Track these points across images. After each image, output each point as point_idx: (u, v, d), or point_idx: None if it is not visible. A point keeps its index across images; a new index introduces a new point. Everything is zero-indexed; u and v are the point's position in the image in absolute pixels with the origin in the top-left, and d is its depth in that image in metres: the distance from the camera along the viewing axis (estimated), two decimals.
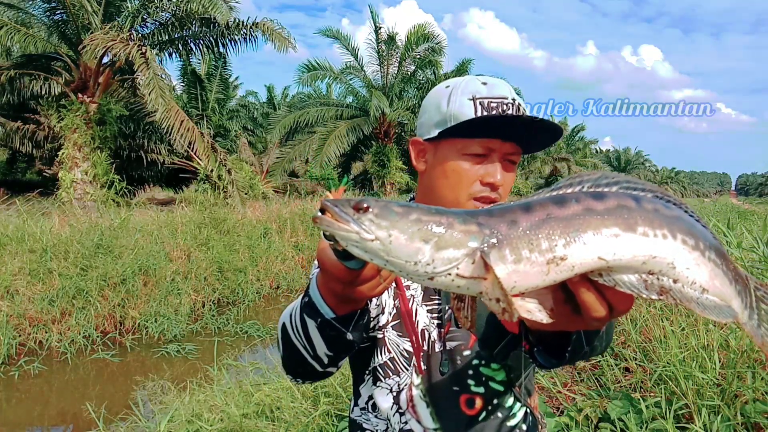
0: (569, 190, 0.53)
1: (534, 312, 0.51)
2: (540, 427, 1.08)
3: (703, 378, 2.30)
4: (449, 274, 0.50)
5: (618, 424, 2.35)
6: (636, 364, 2.76)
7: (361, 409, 1.08)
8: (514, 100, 0.98)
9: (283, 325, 0.91)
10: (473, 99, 0.97)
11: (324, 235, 0.60)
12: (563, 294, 0.56)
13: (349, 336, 0.83)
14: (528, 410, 1.05)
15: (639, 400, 2.39)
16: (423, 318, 1.02)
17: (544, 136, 1.00)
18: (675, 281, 0.49)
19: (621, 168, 56.17)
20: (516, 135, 0.97)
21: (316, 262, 0.94)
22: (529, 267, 0.49)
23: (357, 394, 1.08)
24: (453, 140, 0.99)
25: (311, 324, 0.83)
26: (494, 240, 0.50)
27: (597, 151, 52.10)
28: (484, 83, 1.00)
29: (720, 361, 2.41)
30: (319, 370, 0.91)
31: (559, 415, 2.59)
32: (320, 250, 0.71)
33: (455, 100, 0.98)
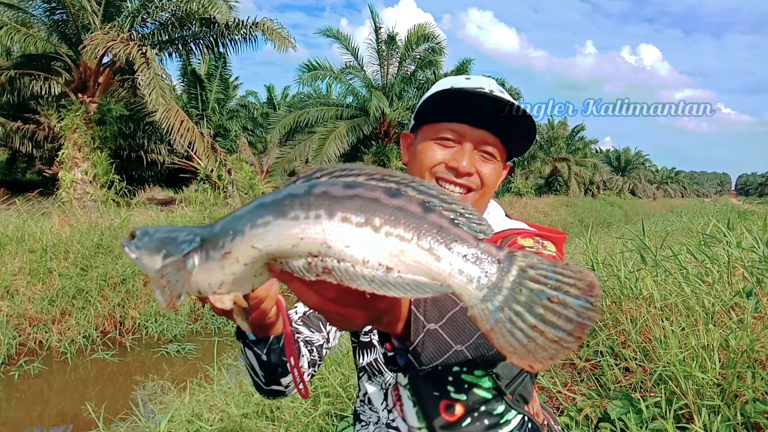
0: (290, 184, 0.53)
1: (225, 302, 0.56)
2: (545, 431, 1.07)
3: (703, 378, 2.30)
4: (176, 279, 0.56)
5: (618, 424, 2.35)
6: (636, 364, 2.76)
7: (361, 401, 1.14)
8: (491, 91, 0.98)
9: None
10: (450, 88, 0.99)
11: None
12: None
13: (264, 357, 0.89)
14: (525, 417, 1.03)
15: (639, 400, 2.39)
16: None
17: (519, 126, 0.97)
18: (340, 261, 0.46)
19: (621, 168, 56.11)
20: (486, 122, 0.96)
21: None
22: (212, 264, 0.53)
23: (360, 387, 1.14)
24: (427, 127, 1.01)
25: (245, 345, 0.90)
26: (197, 244, 0.55)
27: (597, 151, 52.02)
28: (468, 78, 1.02)
29: (720, 361, 2.41)
30: (264, 388, 0.97)
31: (559, 415, 2.59)
32: None
33: (435, 90, 1.01)
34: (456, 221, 0.48)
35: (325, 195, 0.47)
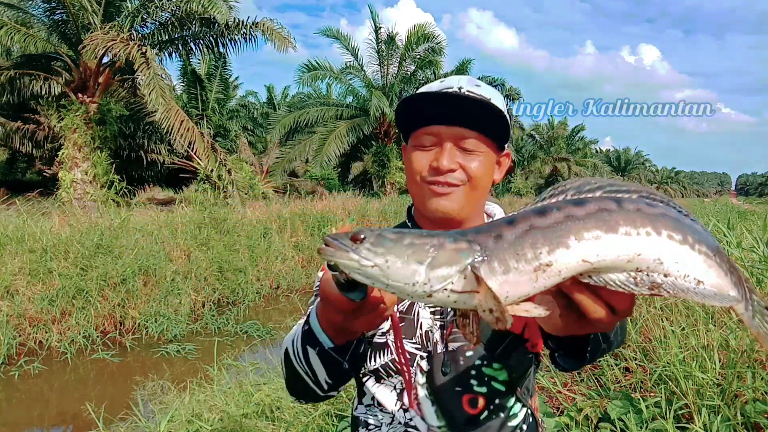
0: (552, 200, 0.55)
1: (531, 310, 0.54)
2: (540, 429, 1.08)
3: (703, 378, 2.30)
4: (445, 290, 0.53)
5: (618, 424, 2.35)
6: (636, 364, 2.76)
7: (366, 406, 1.09)
8: (460, 88, 0.99)
9: (286, 350, 0.95)
10: (415, 94, 1.01)
11: (328, 265, 0.65)
12: (566, 300, 0.58)
13: (346, 365, 0.88)
14: (529, 411, 1.05)
15: (639, 400, 2.39)
16: (426, 320, 1.03)
17: (494, 116, 0.97)
18: (666, 275, 0.50)
19: (621, 168, 56.14)
20: (459, 119, 0.97)
21: (315, 287, 1.04)
22: (518, 276, 0.52)
23: (361, 393, 1.10)
24: (411, 136, 1.04)
25: (311, 352, 0.87)
26: (483, 254, 0.53)
27: (597, 151, 52.05)
28: (442, 81, 1.03)
29: (720, 361, 2.41)
30: (321, 394, 0.96)
31: (559, 415, 2.59)
32: (324, 281, 0.74)
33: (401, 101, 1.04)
34: None
35: (640, 212, 0.51)
